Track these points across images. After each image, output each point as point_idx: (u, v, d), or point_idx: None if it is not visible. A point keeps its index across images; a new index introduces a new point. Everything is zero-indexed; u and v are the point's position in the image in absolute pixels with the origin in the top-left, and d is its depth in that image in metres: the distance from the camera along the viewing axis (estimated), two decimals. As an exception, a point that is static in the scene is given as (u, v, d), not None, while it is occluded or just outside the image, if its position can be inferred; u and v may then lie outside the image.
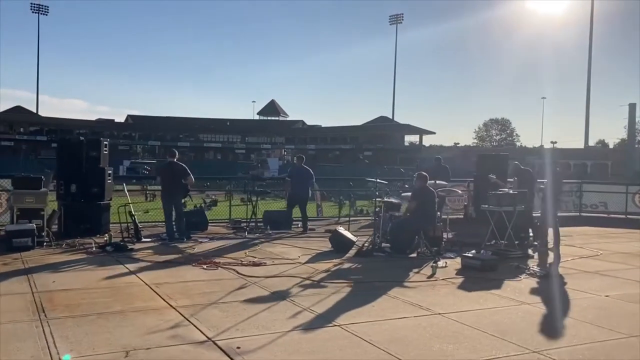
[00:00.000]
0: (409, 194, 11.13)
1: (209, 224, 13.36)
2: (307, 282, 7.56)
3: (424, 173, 10.38)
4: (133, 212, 11.05)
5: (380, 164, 77.25)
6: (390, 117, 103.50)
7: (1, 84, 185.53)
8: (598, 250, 11.03)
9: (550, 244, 11.02)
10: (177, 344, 4.90)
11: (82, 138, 11.97)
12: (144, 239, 10.84)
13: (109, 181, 11.71)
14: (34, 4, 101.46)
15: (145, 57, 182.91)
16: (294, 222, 14.00)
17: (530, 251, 10.80)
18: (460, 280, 8.00)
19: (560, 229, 14.41)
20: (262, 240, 11.33)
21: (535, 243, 11.36)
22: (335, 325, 5.56)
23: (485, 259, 8.81)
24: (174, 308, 6.06)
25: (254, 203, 12.75)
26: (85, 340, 4.91)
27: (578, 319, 6.08)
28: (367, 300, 6.59)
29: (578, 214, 18.17)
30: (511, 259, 9.65)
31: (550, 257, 10.21)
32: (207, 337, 5.11)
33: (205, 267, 8.37)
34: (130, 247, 9.81)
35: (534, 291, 7.44)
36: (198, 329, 5.35)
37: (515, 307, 6.55)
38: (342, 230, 10.37)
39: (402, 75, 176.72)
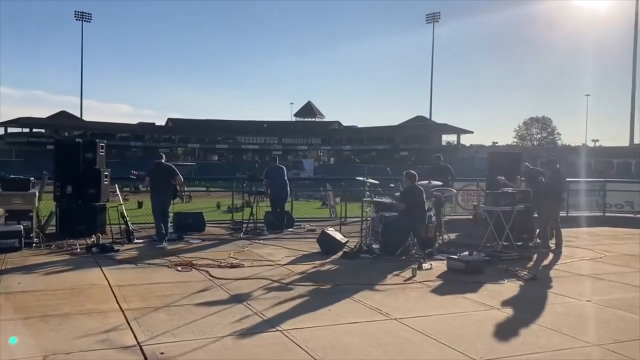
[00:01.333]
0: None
1: (210, 225, 13.36)
2: (275, 284, 7.34)
3: (413, 172, 10.04)
4: (125, 214, 11.05)
5: (417, 164, 76.73)
6: (427, 116, 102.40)
7: (48, 89, 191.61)
8: (604, 252, 10.48)
9: (554, 245, 10.57)
10: (101, 349, 4.76)
11: (77, 140, 11.82)
12: (136, 240, 10.83)
13: (105, 182, 11.75)
14: (78, 11, 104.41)
15: (185, 60, 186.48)
16: (297, 223, 13.87)
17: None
18: (438, 283, 7.65)
19: (577, 229, 14.00)
20: (255, 241, 11.17)
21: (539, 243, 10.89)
22: (277, 331, 5.32)
23: (470, 261, 8.42)
24: (122, 311, 5.93)
25: (252, 204, 12.61)
26: (10, 344, 4.82)
27: (545, 325, 5.69)
28: (326, 304, 6.33)
29: (602, 213, 17.43)
30: (504, 261, 9.21)
31: (550, 259, 9.74)
32: (136, 341, 4.94)
33: (179, 268, 8.25)
34: (117, 248, 9.78)
35: (511, 295, 7.04)
36: (133, 333, 5.20)
37: (481, 313, 6.18)
38: (330, 231, 10.11)
39: (440, 74, 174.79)
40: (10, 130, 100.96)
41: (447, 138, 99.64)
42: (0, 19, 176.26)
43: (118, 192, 11.52)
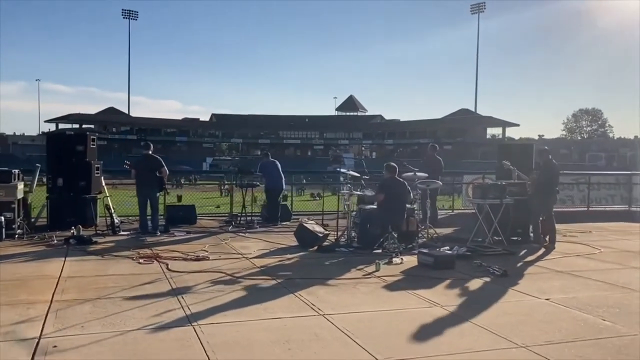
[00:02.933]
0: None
1: (205, 218, 13.33)
2: (226, 278, 7.15)
3: (393, 164, 9.67)
4: (110, 206, 11.08)
5: (460, 158, 75.22)
6: (472, 109, 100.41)
7: (99, 86, 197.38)
8: (601, 248, 9.86)
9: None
10: (-2, 341, 4.67)
11: (67, 132, 11.92)
12: (122, 232, 10.86)
13: (96, 175, 11.81)
14: (125, 9, 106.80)
15: (230, 57, 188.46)
16: (294, 216, 13.66)
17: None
18: (397, 278, 7.31)
19: (592, 224, 13.33)
20: (240, 234, 11.02)
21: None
22: (191, 326, 5.11)
23: (439, 256, 8.03)
24: (50, 302, 5.85)
25: (244, 197, 12.48)
26: None
27: (481, 324, 5.30)
28: (263, 299, 6.09)
29: (627, 207, 16.56)
30: (485, 256, 8.77)
31: (537, 255, 9.23)
32: (39, 334, 4.83)
33: (142, 261, 8.16)
34: (95, 240, 9.80)
35: (466, 293, 6.65)
36: (43, 325, 5.08)
37: (421, 310, 5.83)
38: (309, 224, 9.84)
39: (485, 66, 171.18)
40: (61, 126, 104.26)
41: (492, 131, 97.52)
42: (54, 19, 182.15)
43: (103, 184, 11.52)
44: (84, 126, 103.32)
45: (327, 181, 20.09)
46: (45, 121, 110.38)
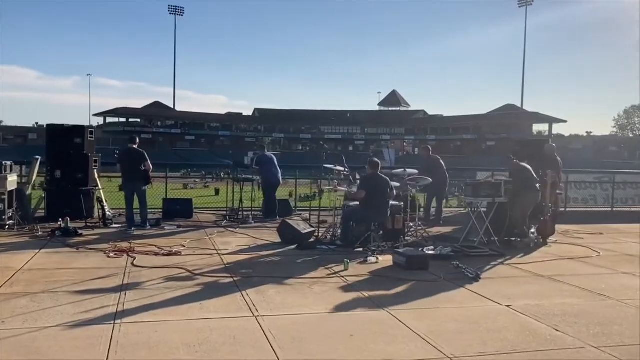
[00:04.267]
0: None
1: (203, 212, 13.27)
2: (184, 274, 6.99)
3: (376, 160, 9.31)
4: (103, 199, 11.11)
5: (504, 155, 73.53)
6: (518, 104, 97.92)
7: (148, 81, 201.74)
8: (602, 251, 9.30)
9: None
10: None
11: (64, 125, 12.02)
12: (114, 225, 10.87)
13: (94, 168, 11.88)
14: (171, 5, 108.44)
15: (275, 52, 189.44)
16: (297, 212, 13.47)
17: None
18: (360, 279, 7.01)
19: (610, 225, 12.65)
20: (230, 229, 10.88)
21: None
22: (114, 324, 4.95)
23: (412, 256, 7.66)
24: (-9, 295, 5.82)
25: (241, 190, 12.34)
26: None
27: (420, 332, 4.95)
28: (205, 298, 5.92)
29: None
30: (469, 257, 8.36)
31: (526, 257, 8.75)
32: (-48, 328, 4.78)
33: (112, 254, 8.10)
34: (80, 232, 9.82)
35: (424, 296, 6.27)
36: (-36, 319, 5.04)
37: (364, 313, 5.53)
38: (293, 221, 9.60)
39: (532, 60, 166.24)
40: (108, 120, 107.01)
41: (538, 127, 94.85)
42: (104, 15, 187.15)
43: (97, 177, 11.54)
44: (130, 120, 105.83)
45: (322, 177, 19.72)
46: (94, 115, 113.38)
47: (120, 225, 10.86)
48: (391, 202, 9.37)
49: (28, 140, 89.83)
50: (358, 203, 9.26)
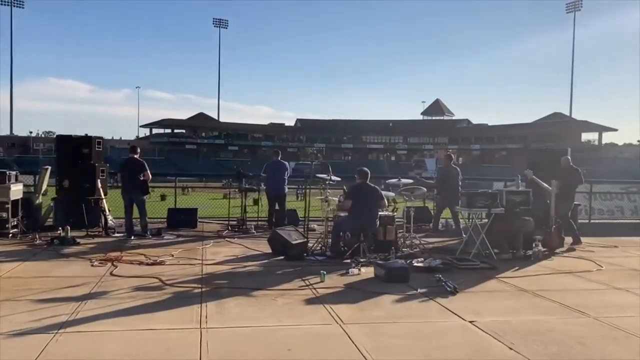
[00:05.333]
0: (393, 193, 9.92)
1: (210, 222, 13.31)
2: (155, 284, 6.98)
3: (365, 169, 9.11)
4: (105, 208, 11.28)
5: (550, 165, 71.43)
6: (567, 113, 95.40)
7: (196, 93, 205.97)
8: (606, 265, 8.86)
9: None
10: None
11: (72, 135, 12.28)
12: (116, 234, 11.01)
13: (101, 177, 12.08)
14: (216, 18, 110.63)
15: (319, 63, 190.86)
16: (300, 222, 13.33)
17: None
18: (332, 291, 6.83)
19: (633, 238, 12.05)
20: (228, 239, 10.86)
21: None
22: (56, 333, 4.93)
23: (391, 268, 7.44)
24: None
25: (244, 200, 12.33)
26: None
27: (363, 348, 4.75)
28: (161, 308, 5.86)
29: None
30: (459, 269, 8.10)
31: (519, 270, 8.39)
32: None
33: (96, 263, 8.18)
34: (78, 241, 9.97)
35: (387, 309, 6.07)
36: None
37: (315, 327, 5.36)
38: (283, 231, 9.46)
39: (581, 68, 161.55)
40: (154, 131, 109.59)
41: (587, 136, 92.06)
42: (154, 31, 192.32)
43: (100, 186, 11.70)
44: (175, 131, 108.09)
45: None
46: (141, 126, 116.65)
47: (121, 235, 10.99)
48: (383, 213, 9.17)
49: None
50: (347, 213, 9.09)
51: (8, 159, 74.63)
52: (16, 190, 10.70)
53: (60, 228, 10.23)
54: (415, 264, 8.25)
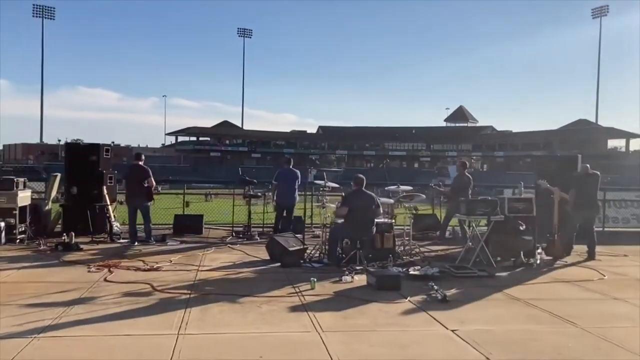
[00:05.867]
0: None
1: (217, 228, 13.36)
2: (145, 290, 7.03)
3: (361, 176, 9.05)
4: (111, 214, 11.40)
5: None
6: (592, 119, 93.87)
7: (220, 101, 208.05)
8: (609, 275, 8.67)
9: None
10: None
11: (80, 142, 12.45)
12: (121, 240, 11.12)
13: (109, 184, 12.23)
14: (240, 28, 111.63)
15: (340, 69, 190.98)
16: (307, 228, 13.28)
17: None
18: (321, 298, 6.80)
19: None
20: (230, 246, 10.89)
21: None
22: (33, 338, 5.00)
23: (382, 276, 7.38)
24: None
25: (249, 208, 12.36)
26: None
27: (335, 355, 4.72)
28: (144, 314, 5.92)
29: None
30: (456, 278, 8.00)
31: (516, 279, 8.24)
32: None
33: (94, 269, 8.27)
34: (82, 247, 10.09)
35: (372, 317, 6.00)
36: None
37: (293, 334, 5.33)
38: (281, 237, 9.45)
39: (608, 73, 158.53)
40: (180, 138, 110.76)
41: (613, 143, 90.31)
42: (180, 40, 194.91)
43: (105, 193, 11.82)
44: (200, 139, 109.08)
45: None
46: (166, 134, 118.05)
47: (126, 241, 11.08)
48: (381, 220, 9.11)
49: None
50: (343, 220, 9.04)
51: (38, 166, 76.24)
52: (24, 197, 10.89)
53: (64, 234, 10.36)
54: (412, 272, 8.17)
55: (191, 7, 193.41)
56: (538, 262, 9.27)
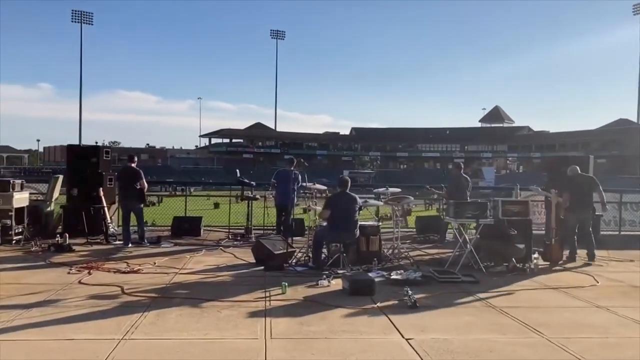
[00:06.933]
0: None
1: (217, 230, 13.33)
2: (115, 292, 6.99)
3: (345, 178, 8.86)
4: (107, 216, 11.46)
5: (616, 173, 68.33)
6: (633, 119, 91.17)
7: (256, 102, 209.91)
8: (603, 281, 8.29)
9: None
10: None
11: (81, 145, 12.57)
12: (117, 241, 11.17)
13: (108, 186, 12.32)
14: (273, 30, 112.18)
15: (374, 71, 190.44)
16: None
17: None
18: (287, 303, 6.65)
19: None
20: (221, 249, 10.82)
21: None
22: (-24, 340, 5.02)
23: (354, 280, 7.16)
24: None
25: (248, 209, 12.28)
26: None
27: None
28: (102, 317, 5.85)
29: None
30: (440, 283, 7.75)
31: (502, 286, 7.91)
32: None
33: (74, 270, 8.29)
34: (73, 248, 10.16)
35: (329, 324, 5.78)
36: None
37: (238, 341, 5.18)
38: (267, 240, 9.31)
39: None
40: (213, 140, 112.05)
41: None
42: (216, 43, 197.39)
43: (102, 195, 11.86)
44: (233, 140, 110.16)
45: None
46: (200, 136, 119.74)
47: (121, 243, 11.13)
48: (367, 223, 8.89)
49: (139, 161, 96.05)
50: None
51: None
52: (20, 198, 11.03)
53: (58, 235, 10.45)
54: (394, 277, 7.96)
55: (225, 10, 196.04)
56: (532, 267, 8.90)
